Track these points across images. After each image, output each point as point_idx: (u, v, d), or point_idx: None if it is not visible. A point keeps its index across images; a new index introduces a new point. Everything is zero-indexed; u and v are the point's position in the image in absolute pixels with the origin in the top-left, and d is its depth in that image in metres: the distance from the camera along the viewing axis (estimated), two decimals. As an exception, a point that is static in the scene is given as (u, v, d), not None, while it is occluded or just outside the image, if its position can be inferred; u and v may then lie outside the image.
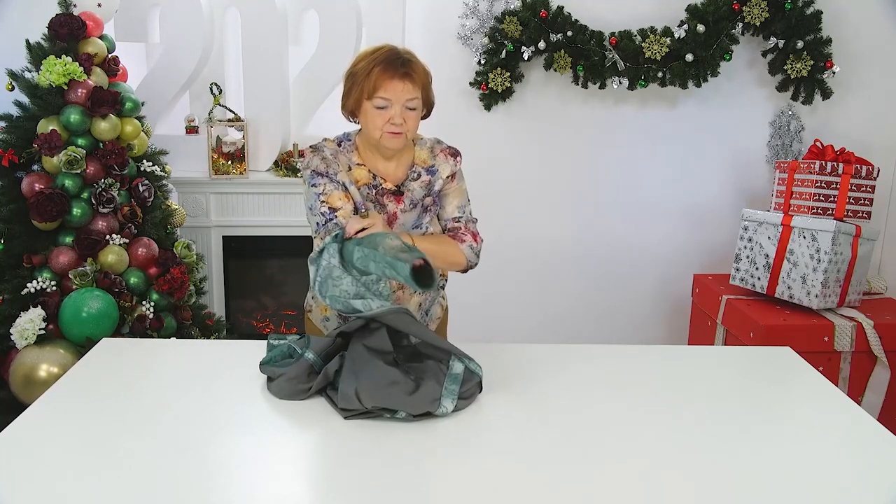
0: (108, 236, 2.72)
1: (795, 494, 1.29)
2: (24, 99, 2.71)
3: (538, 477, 1.32)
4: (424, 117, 1.85)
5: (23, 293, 2.61)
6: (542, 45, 3.08)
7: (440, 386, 1.57)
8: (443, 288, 2.07)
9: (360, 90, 1.75)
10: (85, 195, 2.70)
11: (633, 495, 1.28)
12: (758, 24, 3.02)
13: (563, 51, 3.10)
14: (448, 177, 1.90)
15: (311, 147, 1.87)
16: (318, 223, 1.78)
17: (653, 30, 3.06)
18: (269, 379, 1.65)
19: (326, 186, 1.79)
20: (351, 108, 1.81)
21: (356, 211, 1.82)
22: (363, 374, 1.57)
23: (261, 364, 1.70)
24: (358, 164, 1.85)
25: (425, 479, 1.32)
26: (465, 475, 1.33)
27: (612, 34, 3.08)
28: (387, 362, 1.61)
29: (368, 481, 1.31)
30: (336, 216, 1.75)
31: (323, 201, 1.78)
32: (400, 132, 1.76)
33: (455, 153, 1.93)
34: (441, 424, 1.49)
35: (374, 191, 1.84)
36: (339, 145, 1.88)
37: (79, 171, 2.64)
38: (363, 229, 1.64)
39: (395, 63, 1.73)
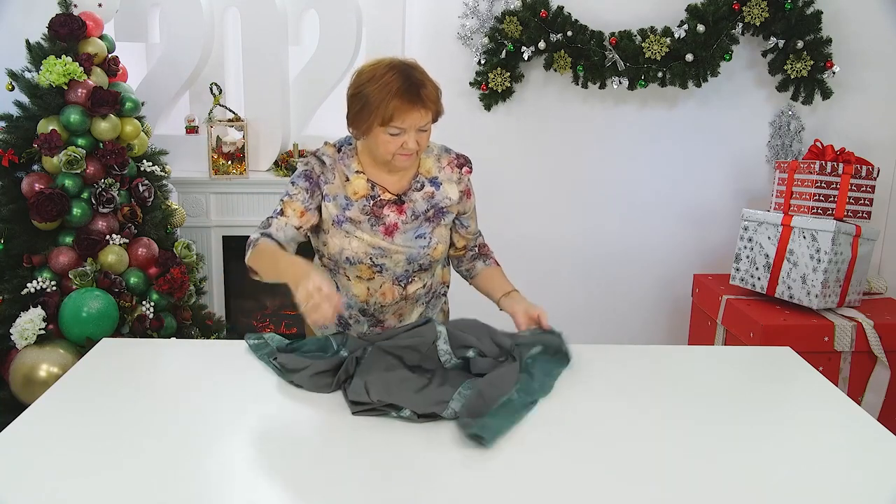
0: (108, 236, 2.72)
1: (795, 494, 1.29)
2: (24, 99, 2.70)
3: (538, 475, 1.32)
4: (432, 121, 1.82)
5: (23, 293, 2.61)
6: (542, 45, 3.08)
7: (454, 389, 1.56)
8: (444, 294, 2.06)
9: (372, 117, 1.68)
10: (85, 195, 2.70)
11: (633, 494, 1.28)
12: (758, 24, 3.02)
13: (563, 51, 3.10)
14: (461, 194, 1.87)
15: (311, 152, 1.86)
16: (270, 215, 1.81)
17: (653, 30, 3.06)
18: (285, 368, 1.65)
19: (300, 194, 1.79)
20: (363, 130, 1.74)
21: (318, 229, 1.84)
22: (375, 367, 1.59)
23: (280, 349, 1.71)
24: (357, 171, 1.81)
25: (428, 478, 1.32)
26: (467, 472, 1.33)
27: (612, 34, 3.08)
28: (409, 363, 1.63)
29: (369, 481, 1.31)
30: (275, 220, 1.78)
31: (283, 201, 1.80)
32: (412, 154, 1.74)
33: (462, 163, 1.88)
34: (444, 424, 1.49)
35: (371, 202, 1.81)
36: (340, 150, 1.84)
37: (79, 171, 2.64)
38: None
39: (410, 91, 1.66)
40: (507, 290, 1.90)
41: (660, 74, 3.08)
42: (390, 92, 1.65)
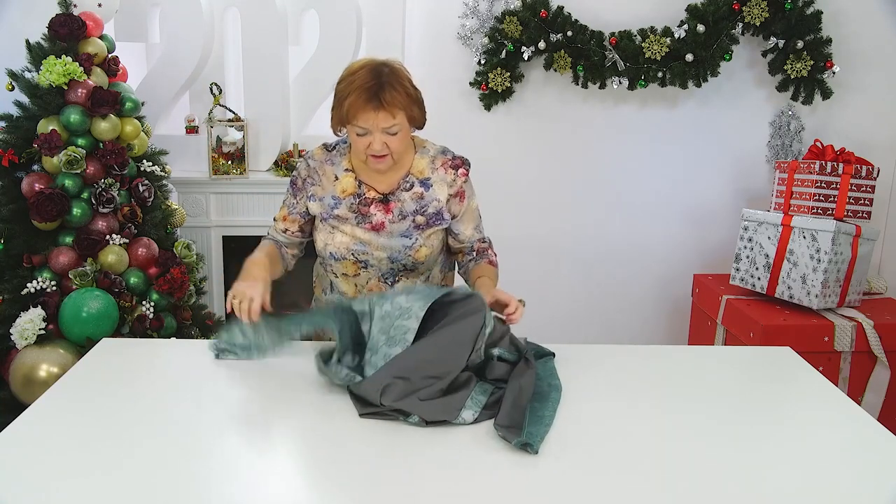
0: (108, 236, 2.71)
1: (795, 494, 1.29)
2: (24, 99, 2.70)
3: (539, 474, 1.32)
4: (419, 128, 1.81)
5: (23, 293, 2.61)
6: (542, 45, 3.08)
7: (467, 394, 1.54)
8: None
9: (340, 113, 1.72)
10: (85, 195, 2.70)
11: (633, 494, 1.28)
12: (758, 24, 3.02)
13: (563, 51, 3.10)
14: (451, 197, 1.85)
15: (301, 154, 1.89)
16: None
17: (653, 30, 3.06)
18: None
19: (288, 199, 1.92)
20: (334, 127, 1.80)
21: (306, 231, 1.94)
22: (398, 363, 1.56)
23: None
24: (346, 169, 1.83)
25: (428, 479, 1.32)
26: (469, 473, 1.33)
27: (612, 34, 3.08)
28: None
29: (369, 482, 1.31)
30: (273, 225, 1.97)
31: (281, 207, 1.96)
32: (384, 155, 1.74)
33: (457, 165, 1.86)
34: (449, 427, 1.49)
35: (357, 200, 1.82)
36: (333, 149, 1.86)
37: (79, 171, 2.64)
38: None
39: (369, 92, 1.66)
40: (479, 276, 1.87)
41: (660, 74, 3.08)
42: (352, 91, 1.68)
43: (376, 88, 1.67)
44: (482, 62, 3.16)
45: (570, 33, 3.07)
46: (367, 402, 1.52)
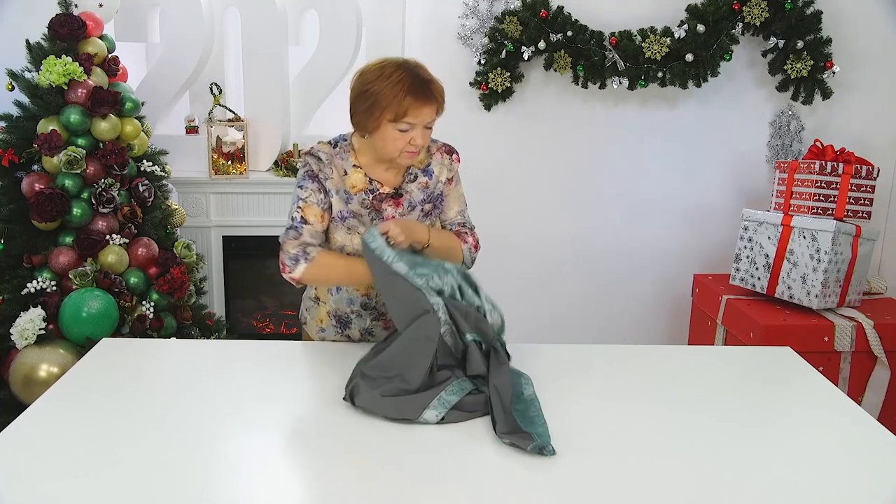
0: (108, 236, 2.72)
1: (795, 494, 1.29)
2: (24, 99, 2.71)
3: (538, 474, 1.32)
4: None
5: (23, 293, 2.61)
6: (542, 45, 3.08)
7: (435, 395, 1.53)
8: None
9: (383, 114, 1.70)
10: (85, 195, 2.70)
11: (632, 494, 1.28)
12: (758, 24, 3.02)
13: (563, 51, 3.10)
14: (448, 180, 1.90)
15: (306, 151, 1.87)
16: (287, 225, 1.81)
17: (653, 30, 3.06)
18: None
19: (312, 196, 1.80)
20: (370, 129, 1.75)
21: (326, 234, 1.85)
22: (370, 362, 1.61)
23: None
24: (354, 166, 1.84)
25: (428, 479, 1.32)
26: (468, 472, 1.33)
27: (612, 34, 3.08)
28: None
29: (369, 482, 1.31)
30: (304, 229, 1.78)
31: (300, 207, 1.80)
32: (418, 150, 1.76)
33: (451, 150, 1.92)
34: (449, 426, 1.50)
35: (370, 196, 1.83)
36: (335, 147, 1.86)
37: (79, 171, 2.64)
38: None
39: (423, 88, 1.69)
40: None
41: (660, 74, 3.08)
42: (403, 88, 1.68)
43: (427, 84, 1.71)
44: (482, 62, 3.16)
45: (570, 33, 3.07)
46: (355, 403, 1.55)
